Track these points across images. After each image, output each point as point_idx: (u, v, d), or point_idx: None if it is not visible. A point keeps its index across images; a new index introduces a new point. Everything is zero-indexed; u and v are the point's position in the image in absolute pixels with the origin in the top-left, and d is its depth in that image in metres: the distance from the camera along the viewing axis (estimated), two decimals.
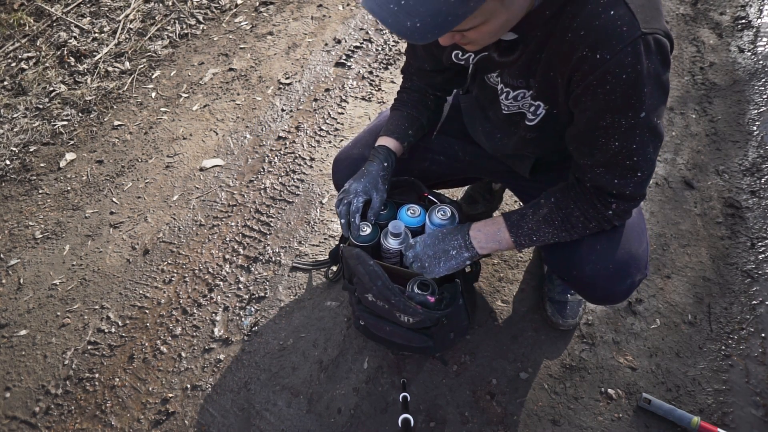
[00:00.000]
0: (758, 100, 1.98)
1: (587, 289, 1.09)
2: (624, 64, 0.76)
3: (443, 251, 1.04)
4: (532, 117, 0.98)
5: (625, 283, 1.04)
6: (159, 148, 2.15)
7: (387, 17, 0.70)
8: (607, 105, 0.81)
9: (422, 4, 0.68)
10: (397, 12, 0.69)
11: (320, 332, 1.50)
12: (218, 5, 2.82)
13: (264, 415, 1.37)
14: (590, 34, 0.77)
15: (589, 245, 1.01)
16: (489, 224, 1.04)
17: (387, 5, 0.69)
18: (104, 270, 1.76)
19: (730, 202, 1.69)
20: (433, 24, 0.69)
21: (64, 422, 1.43)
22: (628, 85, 0.78)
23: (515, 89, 0.96)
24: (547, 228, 0.98)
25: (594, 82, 0.80)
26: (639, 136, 0.84)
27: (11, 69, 2.60)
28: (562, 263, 1.08)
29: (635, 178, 0.89)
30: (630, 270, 1.03)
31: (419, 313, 1.09)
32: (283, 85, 2.31)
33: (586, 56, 0.78)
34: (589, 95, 0.82)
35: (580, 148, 0.92)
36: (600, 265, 1.01)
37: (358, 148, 1.28)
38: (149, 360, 1.52)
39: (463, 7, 0.69)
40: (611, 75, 0.78)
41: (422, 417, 1.32)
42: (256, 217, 1.83)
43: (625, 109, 0.81)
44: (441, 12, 0.68)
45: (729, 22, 2.30)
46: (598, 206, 0.94)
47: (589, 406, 1.31)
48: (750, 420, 1.26)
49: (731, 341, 1.39)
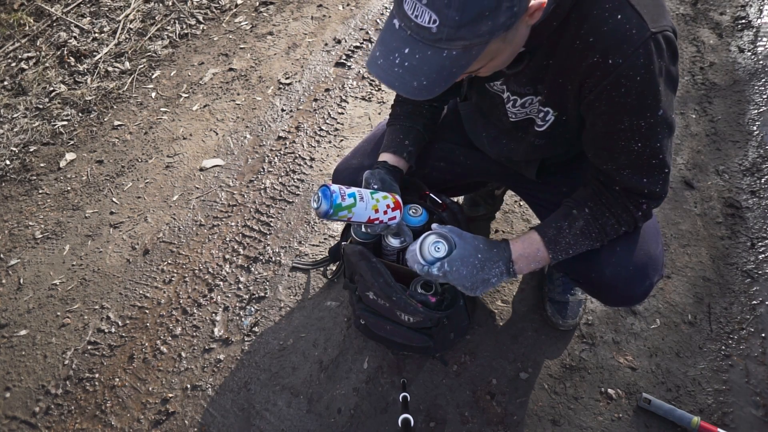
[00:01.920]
0: (758, 100, 1.98)
1: (607, 292, 1.07)
2: (637, 66, 0.76)
3: (483, 281, 0.95)
4: (541, 123, 0.97)
5: (644, 284, 1.03)
6: (159, 148, 2.15)
7: (393, 81, 0.72)
8: (623, 108, 0.81)
9: (425, 63, 0.69)
10: (403, 74, 0.70)
11: (320, 332, 1.50)
12: (218, 5, 2.82)
13: (264, 415, 1.37)
14: (600, 40, 0.77)
15: (608, 248, 1.00)
16: (527, 245, 0.98)
17: (392, 69, 0.71)
18: (104, 270, 1.76)
19: (730, 202, 1.69)
20: (439, 79, 0.70)
21: (64, 422, 1.43)
22: (643, 86, 0.78)
23: (523, 96, 0.95)
24: (584, 240, 0.96)
25: (608, 86, 0.79)
26: (660, 134, 0.84)
27: (11, 69, 2.60)
28: (581, 268, 1.05)
29: (662, 174, 0.89)
30: (648, 271, 1.02)
31: (420, 312, 1.09)
32: (283, 85, 2.31)
33: (597, 62, 0.78)
34: (604, 99, 0.82)
35: (600, 153, 0.91)
36: (620, 268, 1.01)
37: (357, 158, 1.26)
38: (149, 360, 1.52)
39: (466, 57, 0.70)
40: (625, 78, 0.77)
41: (422, 417, 1.32)
42: (256, 217, 1.83)
43: (643, 110, 0.81)
44: (445, 67, 0.69)
45: (729, 22, 2.30)
46: (630, 209, 0.93)
47: (589, 406, 1.31)
48: (750, 420, 1.26)
49: (731, 341, 1.39)
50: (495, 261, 0.96)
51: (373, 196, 1.01)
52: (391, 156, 1.14)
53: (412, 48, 0.69)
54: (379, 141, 1.23)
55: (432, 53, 0.69)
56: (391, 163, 1.13)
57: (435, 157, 1.26)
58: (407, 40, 0.69)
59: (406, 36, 0.69)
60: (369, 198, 1.00)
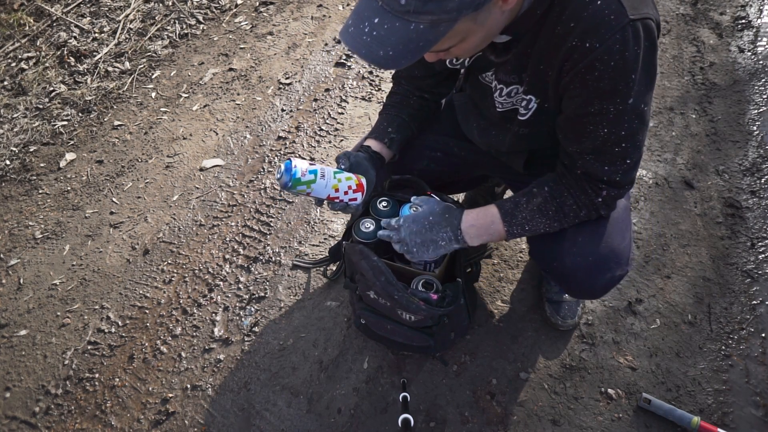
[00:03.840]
0: (758, 100, 1.98)
1: (567, 281, 1.09)
2: (612, 51, 0.78)
3: (431, 240, 1.03)
4: (524, 111, 0.99)
5: (604, 277, 1.04)
6: (159, 148, 2.15)
7: (361, 48, 0.73)
8: (595, 92, 0.83)
9: (393, 34, 0.71)
10: (370, 43, 0.72)
11: (320, 332, 1.50)
12: (218, 5, 2.83)
13: (264, 415, 1.37)
14: (579, 24, 0.79)
15: (571, 237, 1.02)
16: (482, 216, 1.04)
17: (360, 37, 0.73)
18: (104, 270, 1.76)
19: (730, 202, 1.69)
20: (405, 51, 0.72)
21: (64, 422, 1.43)
22: (617, 71, 0.79)
23: (509, 85, 0.97)
24: (541, 218, 0.99)
25: (582, 69, 0.81)
26: (627, 123, 0.85)
27: (11, 69, 2.60)
28: (545, 255, 1.09)
29: (624, 165, 0.90)
30: (610, 264, 1.03)
31: (422, 309, 1.09)
32: (283, 85, 2.31)
33: (575, 46, 0.80)
34: (578, 82, 0.84)
35: (568, 135, 0.93)
36: (580, 258, 1.02)
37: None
38: (149, 360, 1.52)
39: (433, 33, 0.71)
40: (600, 62, 0.79)
41: (422, 417, 1.32)
42: (256, 217, 1.83)
43: (613, 96, 0.82)
44: (411, 40, 0.71)
45: (729, 22, 2.30)
46: (589, 192, 0.95)
47: (589, 406, 1.31)
48: (750, 420, 1.26)
49: (731, 341, 1.39)
50: (443, 225, 1.03)
51: (336, 175, 1.04)
52: (374, 142, 1.18)
53: (382, 18, 0.71)
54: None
55: (400, 25, 0.70)
56: (373, 148, 1.16)
57: (433, 148, 1.28)
58: (377, 10, 0.71)
59: (377, 6, 0.71)
60: (331, 177, 1.03)
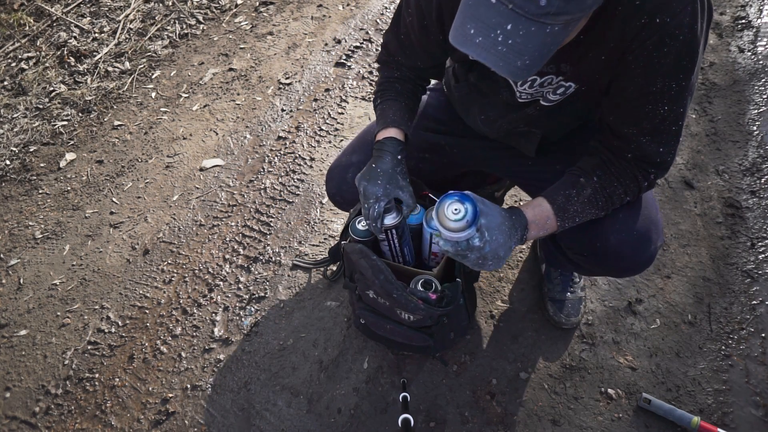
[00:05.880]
0: (758, 100, 1.98)
1: (614, 260, 1.06)
2: (683, 24, 0.76)
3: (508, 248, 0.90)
4: (553, 98, 0.96)
5: (649, 249, 1.03)
6: (159, 148, 2.15)
7: (497, 60, 0.68)
8: (660, 69, 0.81)
9: (530, 41, 0.66)
10: (507, 53, 0.67)
11: (320, 332, 1.50)
12: (218, 5, 2.82)
13: (264, 415, 1.37)
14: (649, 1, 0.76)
15: (611, 217, 1.00)
16: (538, 212, 0.94)
17: (494, 48, 0.67)
18: (104, 270, 1.76)
19: (730, 202, 1.69)
20: (539, 57, 0.68)
21: (64, 422, 1.43)
22: (684, 46, 0.78)
23: (543, 75, 0.93)
24: (591, 209, 0.95)
25: (650, 46, 0.79)
26: (686, 99, 0.84)
27: (11, 69, 2.60)
28: (584, 238, 1.04)
29: (676, 145, 0.89)
30: (651, 236, 1.03)
31: (421, 309, 1.09)
32: (283, 85, 2.31)
33: (644, 24, 0.78)
34: (642, 60, 0.81)
35: (623, 118, 0.90)
36: (625, 234, 1.01)
37: (345, 156, 1.25)
38: (149, 360, 1.52)
39: (564, 33, 0.67)
40: (669, 37, 0.77)
41: (422, 417, 1.32)
42: (256, 217, 1.83)
43: (678, 72, 0.81)
44: (546, 44, 0.67)
45: (729, 22, 2.30)
46: (639, 178, 0.93)
47: (589, 406, 1.31)
48: (750, 420, 1.26)
49: (731, 341, 1.39)
50: (516, 228, 0.91)
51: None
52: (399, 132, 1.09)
53: (515, 24, 0.64)
54: (367, 138, 1.23)
55: (536, 29, 0.64)
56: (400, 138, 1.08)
57: (420, 148, 1.25)
58: (509, 15, 0.64)
59: (506, 10, 0.64)
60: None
